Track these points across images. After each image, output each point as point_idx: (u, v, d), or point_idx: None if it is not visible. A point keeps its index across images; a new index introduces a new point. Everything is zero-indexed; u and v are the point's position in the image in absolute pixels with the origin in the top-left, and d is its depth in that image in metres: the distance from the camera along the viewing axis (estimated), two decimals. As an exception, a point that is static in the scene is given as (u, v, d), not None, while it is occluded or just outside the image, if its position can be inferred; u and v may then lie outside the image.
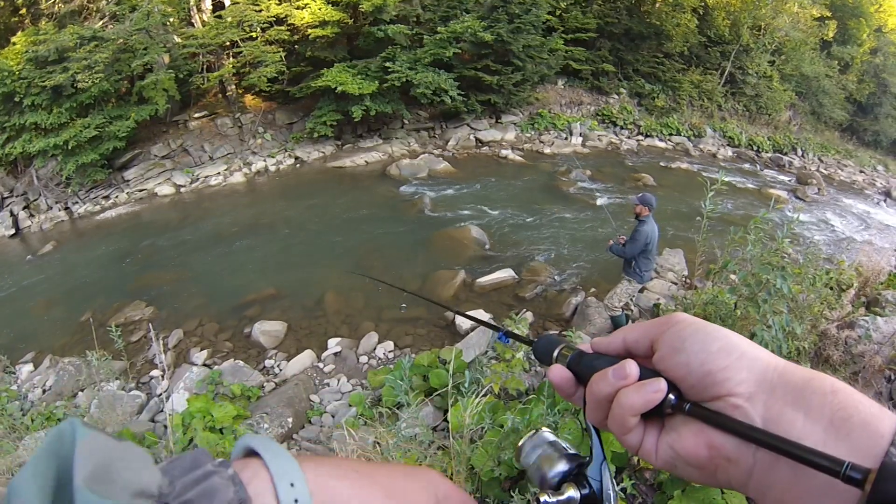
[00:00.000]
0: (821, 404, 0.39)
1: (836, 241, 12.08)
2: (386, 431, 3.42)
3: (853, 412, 0.37)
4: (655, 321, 0.49)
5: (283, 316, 7.90)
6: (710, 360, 0.43)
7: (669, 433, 0.45)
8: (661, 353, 0.46)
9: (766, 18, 22.61)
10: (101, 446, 0.29)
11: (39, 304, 9.40)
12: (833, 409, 0.38)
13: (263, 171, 15.76)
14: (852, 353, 3.99)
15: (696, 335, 0.45)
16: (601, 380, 0.48)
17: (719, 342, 0.43)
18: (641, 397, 0.44)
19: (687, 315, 0.47)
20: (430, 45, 16.32)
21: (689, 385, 0.44)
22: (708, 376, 0.42)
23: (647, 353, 0.49)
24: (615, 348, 0.51)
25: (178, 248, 11.07)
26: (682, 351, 0.44)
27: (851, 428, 0.37)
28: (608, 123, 20.41)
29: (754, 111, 23.44)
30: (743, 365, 0.42)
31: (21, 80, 12.80)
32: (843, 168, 21.79)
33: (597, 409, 0.49)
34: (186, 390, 5.89)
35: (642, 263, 5.82)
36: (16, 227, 13.21)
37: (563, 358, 0.55)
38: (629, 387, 0.45)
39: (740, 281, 3.88)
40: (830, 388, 0.39)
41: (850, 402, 0.38)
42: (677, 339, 0.45)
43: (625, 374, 0.46)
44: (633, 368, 0.46)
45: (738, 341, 0.44)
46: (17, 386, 6.73)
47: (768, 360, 0.42)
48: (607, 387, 0.47)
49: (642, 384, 0.45)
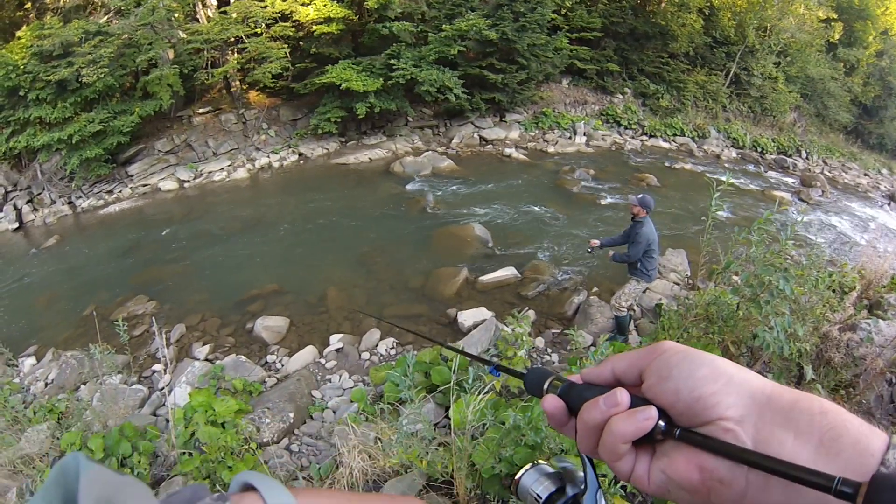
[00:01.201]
0: (809, 424, 0.39)
1: (839, 243, 12.06)
2: (388, 427, 3.43)
3: (842, 432, 0.38)
4: (643, 351, 0.50)
5: (285, 311, 7.92)
6: (699, 387, 0.43)
7: (661, 459, 0.45)
8: (649, 382, 0.47)
9: (772, 20, 22.52)
10: (104, 479, 0.30)
11: (42, 297, 9.44)
12: (822, 430, 0.39)
13: (267, 167, 15.78)
14: (854, 355, 3.99)
15: (683, 363, 0.45)
16: (593, 408, 0.48)
17: (706, 368, 0.44)
18: (632, 425, 0.45)
19: (674, 343, 0.48)
20: (435, 43, 16.31)
21: (678, 412, 0.44)
22: (697, 402, 0.43)
23: (635, 382, 0.49)
24: (605, 379, 0.52)
25: (181, 243, 11.10)
26: (671, 378, 0.45)
27: (841, 447, 0.38)
28: (612, 123, 20.37)
29: (759, 112, 23.36)
30: (731, 389, 0.43)
31: (26, 75, 12.82)
32: (847, 171, 21.70)
33: (587, 437, 0.49)
34: (188, 384, 5.91)
35: (647, 263, 5.83)
36: (19, 221, 13.25)
37: (554, 388, 0.55)
38: (620, 414, 0.46)
39: (743, 282, 3.88)
40: (819, 408, 0.40)
41: (840, 422, 0.39)
42: (665, 367, 0.46)
43: (616, 402, 0.47)
44: (625, 396, 0.47)
45: (725, 367, 0.44)
46: (20, 379, 6.76)
47: (756, 384, 0.43)
48: (599, 415, 0.47)
49: (633, 412, 0.46)
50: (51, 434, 4.60)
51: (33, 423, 4.95)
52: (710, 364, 0.44)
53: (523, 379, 0.61)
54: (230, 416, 4.53)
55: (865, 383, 3.86)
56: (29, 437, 4.50)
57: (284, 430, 5.02)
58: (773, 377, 3.78)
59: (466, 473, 2.98)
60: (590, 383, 0.53)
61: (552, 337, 6.81)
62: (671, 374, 0.45)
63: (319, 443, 4.80)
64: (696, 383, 0.44)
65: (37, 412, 5.29)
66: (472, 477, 3.00)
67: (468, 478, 2.99)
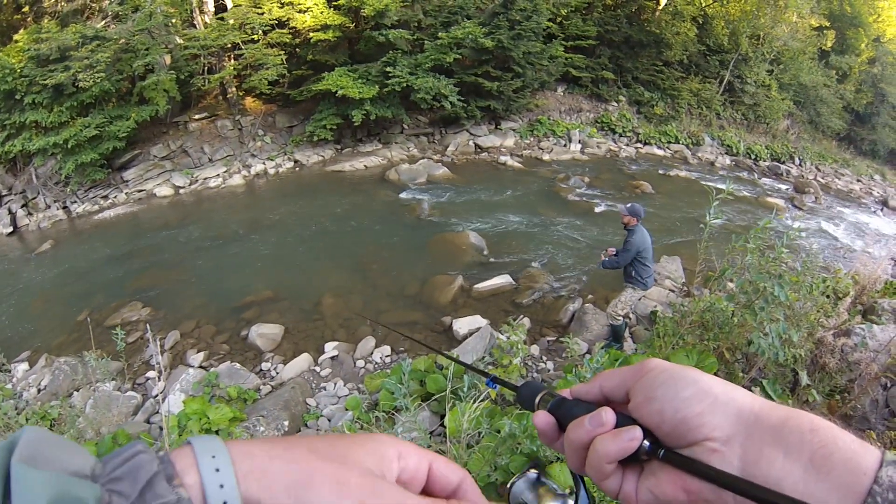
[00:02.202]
0: (799, 443, 0.38)
1: (832, 249, 12.12)
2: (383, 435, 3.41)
3: (834, 449, 0.37)
4: (630, 369, 0.49)
5: (280, 319, 7.89)
6: (684, 408, 0.43)
7: (648, 478, 0.45)
8: (635, 402, 0.47)
9: (764, 28, 22.72)
10: (42, 437, 0.31)
11: (36, 302, 9.38)
12: (813, 448, 0.38)
13: (262, 173, 15.78)
14: (848, 360, 4.01)
15: (668, 383, 0.45)
16: (578, 427, 0.48)
17: (691, 388, 0.44)
18: (616, 445, 0.44)
19: (659, 361, 0.48)
20: (431, 51, 16.38)
21: (664, 432, 0.44)
22: (682, 423, 0.43)
23: (623, 400, 0.49)
24: (594, 395, 0.52)
25: (176, 250, 11.06)
26: (655, 399, 0.45)
27: (832, 466, 0.37)
28: (607, 131, 20.48)
29: (752, 120, 23.53)
30: (717, 409, 0.42)
31: (22, 78, 12.82)
32: (840, 177, 21.86)
33: (574, 455, 0.49)
34: (182, 392, 5.88)
35: (641, 270, 5.82)
36: (14, 226, 13.20)
37: (545, 403, 0.55)
38: (605, 434, 0.46)
39: (738, 288, 3.89)
40: (809, 426, 0.39)
41: (830, 439, 0.38)
42: (650, 387, 0.46)
43: (601, 422, 0.46)
44: (609, 416, 0.46)
45: (711, 385, 0.44)
46: (13, 385, 6.69)
47: (742, 402, 0.43)
48: (584, 434, 0.47)
49: (618, 432, 0.45)
50: (43, 442, 4.55)
51: (25, 430, 4.90)
52: (694, 384, 0.44)
53: (516, 392, 0.61)
54: (224, 424, 4.51)
55: (860, 388, 3.87)
56: (21, 444, 4.45)
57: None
58: (768, 383, 3.80)
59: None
60: (579, 399, 0.53)
61: (547, 345, 6.81)
62: (655, 394, 0.45)
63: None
64: (680, 404, 0.43)
65: (29, 419, 5.25)
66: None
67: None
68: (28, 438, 0.31)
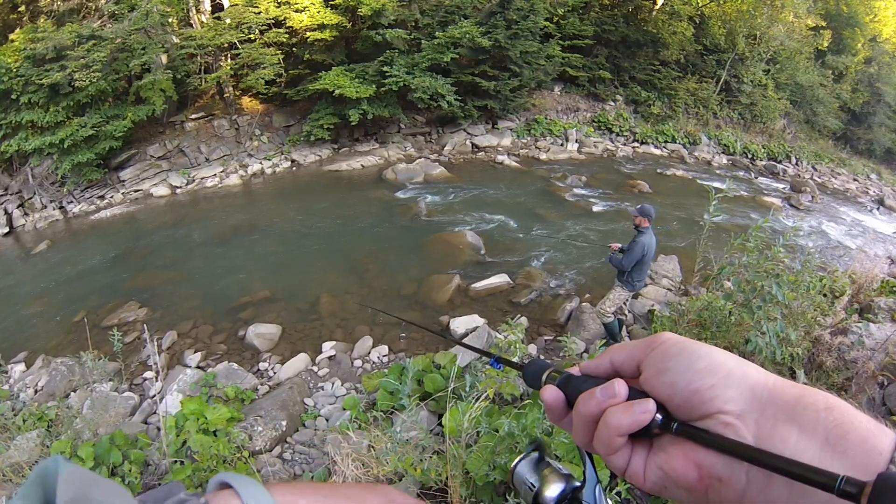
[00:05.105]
0: (814, 421, 0.38)
1: (829, 248, 12.16)
2: (382, 434, 3.41)
3: (849, 429, 0.37)
4: (641, 342, 0.49)
5: (277, 319, 7.88)
6: (697, 380, 0.42)
7: (658, 454, 0.44)
8: (646, 374, 0.46)
9: (761, 27, 22.77)
10: (81, 477, 0.31)
11: (32, 303, 9.34)
12: (828, 426, 0.37)
13: (259, 173, 15.74)
14: (845, 359, 4.02)
15: (681, 355, 0.44)
16: (589, 398, 0.47)
17: (704, 361, 0.43)
18: (629, 417, 0.44)
19: (672, 335, 0.47)
20: (428, 50, 16.36)
21: (676, 405, 0.43)
22: (695, 395, 0.42)
23: (634, 374, 0.48)
24: (603, 370, 0.51)
25: (173, 250, 11.03)
26: (668, 371, 0.44)
27: (848, 445, 0.36)
28: (604, 130, 20.51)
29: (749, 119, 23.59)
30: (731, 383, 0.41)
31: (18, 78, 12.75)
32: (836, 176, 21.94)
33: (583, 429, 0.48)
34: (180, 392, 5.86)
35: (635, 273, 5.79)
36: (10, 226, 13.13)
37: (552, 380, 0.54)
38: (617, 406, 0.45)
39: (735, 287, 3.90)
40: (824, 404, 0.39)
41: (847, 419, 0.37)
42: (662, 359, 0.45)
43: (613, 393, 0.46)
44: (622, 387, 0.46)
45: (725, 359, 0.43)
46: (9, 386, 6.67)
47: (757, 377, 0.42)
48: (595, 405, 0.46)
49: (630, 404, 0.44)
50: (40, 442, 4.54)
51: (22, 430, 4.88)
52: (708, 357, 0.43)
53: (522, 370, 0.60)
54: (222, 424, 4.50)
55: (857, 386, 3.88)
56: (18, 444, 4.44)
57: (277, 439, 4.98)
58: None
59: (461, 481, 2.97)
60: (588, 375, 0.52)
61: (545, 344, 6.81)
62: (668, 366, 0.44)
63: (312, 451, 4.77)
64: (693, 376, 0.42)
65: (26, 420, 5.23)
66: (467, 484, 2.99)
67: (462, 485, 2.97)
68: (67, 479, 0.30)
